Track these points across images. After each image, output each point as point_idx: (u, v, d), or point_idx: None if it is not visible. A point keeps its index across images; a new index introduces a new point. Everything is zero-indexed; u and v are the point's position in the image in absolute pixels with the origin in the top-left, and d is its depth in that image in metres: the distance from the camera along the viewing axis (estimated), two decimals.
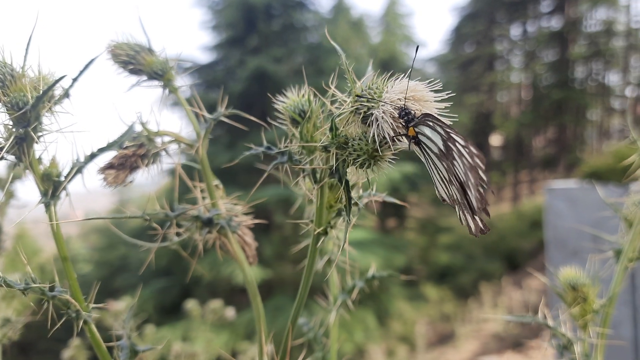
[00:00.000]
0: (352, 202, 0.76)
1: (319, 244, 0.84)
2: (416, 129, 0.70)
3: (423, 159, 0.74)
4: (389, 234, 14.12)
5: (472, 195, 0.68)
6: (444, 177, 0.71)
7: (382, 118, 0.68)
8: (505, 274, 13.35)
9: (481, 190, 0.67)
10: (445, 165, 0.70)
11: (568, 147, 21.53)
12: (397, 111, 0.70)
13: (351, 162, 0.73)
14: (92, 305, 0.85)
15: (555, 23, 22.98)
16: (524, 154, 24.91)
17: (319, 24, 12.28)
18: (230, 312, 3.01)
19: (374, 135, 0.69)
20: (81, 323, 0.81)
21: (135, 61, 0.93)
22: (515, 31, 24.75)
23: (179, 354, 2.06)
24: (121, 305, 2.82)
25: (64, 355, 2.73)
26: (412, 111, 0.70)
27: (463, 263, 13.89)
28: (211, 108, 0.98)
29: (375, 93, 0.71)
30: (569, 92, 20.97)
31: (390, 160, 0.73)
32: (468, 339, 10.09)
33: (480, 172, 0.66)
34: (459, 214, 0.73)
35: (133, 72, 0.94)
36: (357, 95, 0.72)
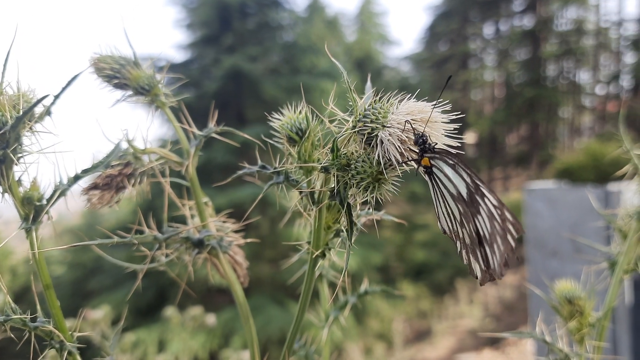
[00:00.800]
0: (354, 225, 0.73)
1: (317, 266, 0.81)
2: (432, 162, 0.68)
3: (430, 187, 0.71)
4: (365, 232, 14.13)
5: (494, 258, 0.66)
6: (454, 215, 0.69)
7: (389, 140, 0.65)
8: None
9: (505, 259, 0.65)
10: (461, 209, 0.67)
11: (540, 145, 21.84)
12: (414, 137, 0.67)
13: (354, 185, 0.70)
14: (76, 334, 0.80)
15: (527, 22, 23.29)
16: (497, 151, 25.20)
17: (294, 23, 12.23)
18: (210, 319, 2.96)
19: (378, 157, 0.66)
20: (65, 354, 0.77)
21: (121, 75, 0.88)
22: (488, 30, 25.03)
23: None
24: (98, 314, 2.75)
25: None
26: (428, 139, 0.67)
27: (439, 260, 13.98)
28: (187, 107, 0.95)
29: (380, 113, 0.68)
30: (541, 90, 21.26)
31: (395, 183, 0.70)
32: (444, 336, 10.17)
33: (511, 241, 0.64)
34: (463, 254, 0.70)
35: (118, 86, 0.89)
36: (361, 115, 0.69)
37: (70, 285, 10.60)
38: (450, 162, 0.67)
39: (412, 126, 0.66)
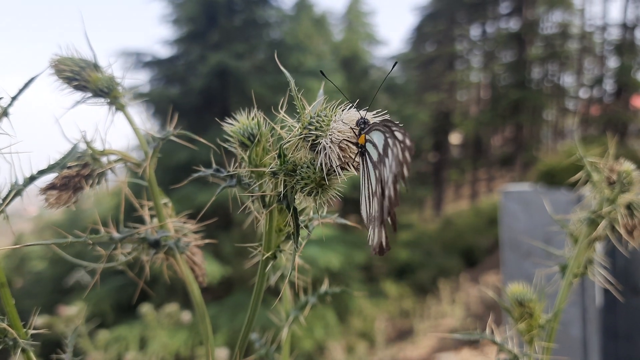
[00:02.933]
0: (300, 227, 0.75)
1: (267, 267, 0.83)
2: (367, 136, 0.70)
3: (361, 174, 0.73)
4: (349, 231, 14.19)
5: (387, 194, 0.66)
6: (372, 190, 0.70)
7: (330, 147, 0.68)
8: (463, 270, 13.57)
9: (397, 187, 0.65)
10: (377, 174, 0.69)
11: (524, 146, 22.01)
12: (356, 121, 0.70)
13: (299, 190, 0.72)
14: (31, 331, 0.82)
15: (513, 24, 23.44)
16: (482, 152, 25.37)
17: (281, 21, 12.22)
18: (186, 317, 2.98)
19: (321, 164, 0.69)
20: (19, 351, 0.79)
21: (80, 77, 0.89)
22: (474, 31, 25.17)
23: None
24: (72, 310, 2.75)
25: None
26: (369, 121, 0.70)
27: (422, 259, 14.06)
28: (172, 103, 0.96)
29: (323, 121, 0.70)
30: (526, 92, 21.43)
31: (337, 189, 0.73)
32: (426, 335, 10.23)
33: (405, 167, 0.64)
34: (370, 232, 0.72)
35: (78, 88, 0.91)
36: (306, 123, 0.72)
37: (50, 282, 10.53)
38: (378, 127, 0.69)
39: (348, 134, 0.69)
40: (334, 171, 0.70)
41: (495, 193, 19.72)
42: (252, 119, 0.80)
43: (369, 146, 0.70)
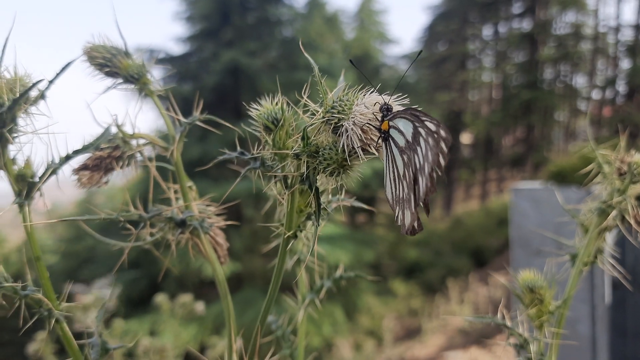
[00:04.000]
0: (321, 207, 0.79)
1: (288, 246, 0.87)
2: (390, 123, 0.74)
3: (384, 157, 0.77)
4: (359, 229, 14.22)
5: (423, 182, 0.70)
6: (398, 173, 0.75)
7: (352, 130, 0.72)
8: (473, 270, 13.56)
9: (434, 176, 0.69)
10: (405, 159, 0.73)
11: (535, 147, 21.93)
12: (380, 107, 0.74)
13: (321, 170, 0.76)
14: (64, 303, 0.86)
15: (525, 25, 23.36)
16: (493, 153, 25.30)
17: (293, 19, 12.26)
18: (199, 307, 3.02)
19: (343, 146, 0.73)
20: (53, 321, 0.83)
21: (112, 64, 0.94)
22: (487, 31, 25.10)
23: (147, 349, 2.07)
24: (90, 298, 2.80)
25: (29, 349, 2.71)
26: (392, 108, 0.74)
27: (431, 259, 14.07)
28: (184, 100, 1.00)
29: (345, 105, 0.74)
30: (538, 92, 21.35)
31: (359, 169, 0.77)
32: (434, 334, 10.23)
33: (441, 157, 0.68)
34: (398, 214, 0.76)
35: (109, 74, 0.95)
36: (329, 107, 0.75)
37: (63, 275, 10.65)
38: (405, 115, 0.73)
39: (370, 116, 0.73)
40: (355, 153, 0.73)
41: (506, 193, 19.66)
42: (276, 104, 0.84)
43: (393, 132, 0.74)
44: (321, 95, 0.77)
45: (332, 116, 0.74)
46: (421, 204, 0.73)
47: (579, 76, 23.93)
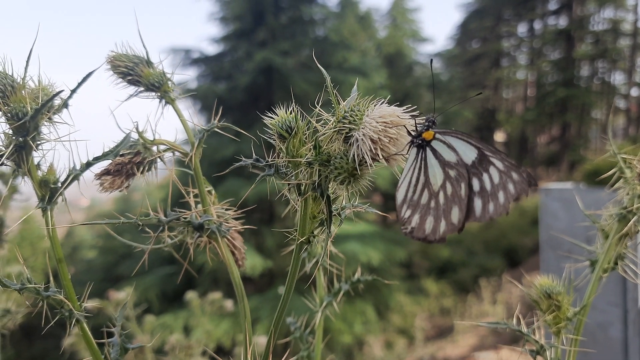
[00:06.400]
0: (333, 214, 0.81)
1: (302, 251, 0.89)
2: (438, 135, 0.81)
3: (410, 161, 0.81)
4: (390, 228, 14.17)
5: (492, 206, 0.83)
6: (425, 180, 0.82)
7: (362, 140, 0.73)
8: (506, 270, 13.38)
9: (508, 206, 0.81)
10: (452, 174, 0.82)
11: (571, 146, 21.50)
12: (425, 117, 0.83)
13: (332, 179, 0.78)
14: (85, 304, 0.90)
15: (562, 21, 22.90)
16: (527, 151, 24.89)
17: (326, 18, 12.28)
18: (228, 304, 3.07)
19: (354, 155, 0.74)
20: (73, 321, 0.87)
21: (134, 72, 0.97)
22: (522, 28, 24.69)
23: (173, 346, 2.11)
24: (122, 295, 2.88)
25: (65, 342, 2.80)
26: (435, 121, 0.83)
27: (463, 258, 13.93)
28: (219, 99, 1.03)
29: (357, 115, 0.76)
30: (574, 90, 20.92)
31: (368, 179, 0.79)
32: (466, 334, 10.14)
33: (524, 194, 0.80)
34: (404, 214, 0.82)
35: (131, 82, 0.98)
36: (341, 117, 0.77)
37: (101, 270, 10.90)
38: (459, 135, 0.81)
39: (380, 128, 0.74)
40: (366, 162, 0.75)
41: (539, 192, 19.32)
42: (290, 113, 0.86)
43: (437, 144, 0.82)
44: (334, 106, 0.79)
45: (344, 126, 0.76)
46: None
47: (617, 73, 23.35)
